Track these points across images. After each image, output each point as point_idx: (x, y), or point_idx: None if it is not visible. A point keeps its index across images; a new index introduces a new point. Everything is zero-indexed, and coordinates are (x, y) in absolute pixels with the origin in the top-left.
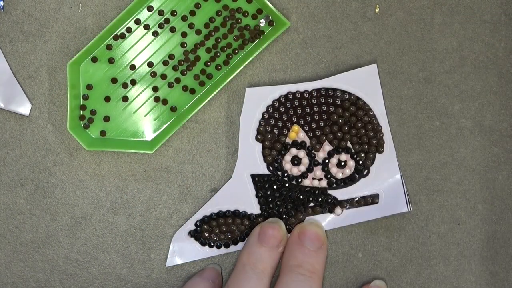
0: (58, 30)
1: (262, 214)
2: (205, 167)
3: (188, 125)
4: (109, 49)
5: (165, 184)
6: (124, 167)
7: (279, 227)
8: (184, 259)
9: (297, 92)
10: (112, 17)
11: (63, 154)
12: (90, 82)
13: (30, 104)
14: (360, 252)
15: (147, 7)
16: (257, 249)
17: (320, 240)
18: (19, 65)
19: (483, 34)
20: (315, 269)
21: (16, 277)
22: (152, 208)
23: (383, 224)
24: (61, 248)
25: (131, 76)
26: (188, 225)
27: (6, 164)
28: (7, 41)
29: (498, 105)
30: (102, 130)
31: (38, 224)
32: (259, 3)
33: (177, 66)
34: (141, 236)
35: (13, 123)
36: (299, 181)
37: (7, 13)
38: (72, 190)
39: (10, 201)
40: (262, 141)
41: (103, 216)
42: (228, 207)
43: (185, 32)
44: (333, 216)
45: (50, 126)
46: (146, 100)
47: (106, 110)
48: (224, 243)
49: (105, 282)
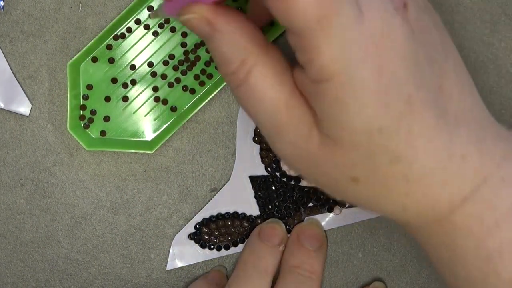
0: (58, 30)
1: (261, 215)
2: (205, 167)
3: (188, 125)
4: (109, 49)
5: (165, 184)
6: (124, 167)
7: (279, 227)
8: (184, 262)
9: None
10: (112, 17)
11: (63, 154)
12: (90, 82)
13: (30, 104)
14: (360, 252)
15: (147, 7)
16: (258, 247)
17: (319, 240)
18: (19, 65)
19: (483, 34)
20: (315, 269)
21: (16, 277)
22: (152, 208)
23: (383, 224)
24: (61, 248)
25: (131, 76)
26: (187, 228)
27: (6, 164)
28: (7, 41)
29: (498, 105)
30: (102, 130)
31: (38, 224)
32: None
33: (177, 66)
34: (141, 236)
35: (13, 123)
36: (297, 182)
37: (7, 13)
38: (72, 190)
39: (10, 201)
40: (259, 142)
41: (103, 216)
42: (227, 209)
43: (185, 32)
44: (332, 215)
45: (50, 126)
46: (146, 100)
47: (106, 110)
48: (224, 245)
49: (105, 282)
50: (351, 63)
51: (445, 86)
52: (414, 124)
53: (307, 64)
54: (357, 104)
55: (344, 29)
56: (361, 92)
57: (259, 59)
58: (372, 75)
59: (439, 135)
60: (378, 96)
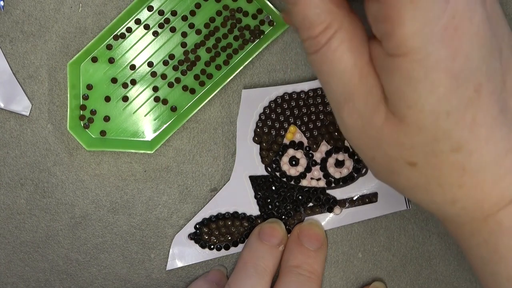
0: (58, 30)
1: (261, 215)
2: (205, 167)
3: (188, 125)
4: (109, 49)
5: (165, 184)
6: (124, 167)
7: (279, 227)
8: (184, 262)
9: (293, 92)
10: (112, 17)
11: (63, 154)
12: (90, 82)
13: (30, 104)
14: (360, 252)
15: (147, 7)
16: (258, 247)
17: (319, 240)
18: (19, 65)
19: None
20: (315, 270)
21: (16, 277)
22: (152, 208)
23: (383, 224)
24: (61, 248)
25: (131, 76)
26: (187, 228)
27: (6, 164)
28: (7, 41)
29: None
30: (102, 130)
31: (38, 224)
32: (259, 3)
33: (177, 66)
34: (141, 236)
35: (13, 123)
36: (297, 182)
37: (7, 13)
38: (72, 190)
39: (10, 201)
40: (259, 142)
41: (103, 216)
42: (227, 209)
43: (185, 32)
44: (332, 215)
45: (50, 126)
46: (146, 100)
47: (106, 110)
48: (224, 245)
49: (105, 282)
50: (430, 41)
51: (508, 81)
52: (480, 113)
53: (385, 36)
54: (429, 82)
55: (430, 4)
56: (435, 71)
57: (343, 25)
58: (447, 56)
59: (500, 128)
60: (450, 78)
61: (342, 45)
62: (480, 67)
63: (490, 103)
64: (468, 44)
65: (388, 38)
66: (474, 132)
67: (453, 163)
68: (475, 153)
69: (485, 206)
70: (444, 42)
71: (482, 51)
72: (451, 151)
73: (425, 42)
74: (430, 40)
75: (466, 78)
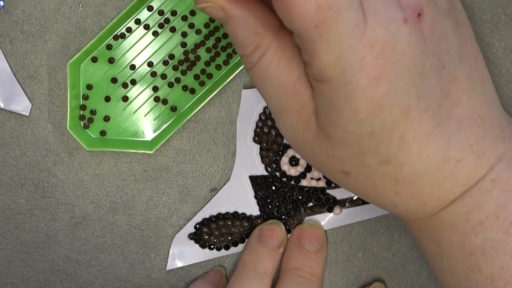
0: (58, 30)
1: (261, 215)
2: (205, 167)
3: (188, 125)
4: (109, 49)
5: (165, 184)
6: (124, 167)
7: (279, 228)
8: (184, 262)
9: None
10: (112, 17)
11: (63, 154)
12: (90, 82)
13: (30, 104)
14: (360, 252)
15: (147, 7)
16: (258, 249)
17: (320, 242)
18: (19, 65)
19: (483, 34)
20: (315, 271)
21: (16, 277)
22: (152, 208)
23: (383, 224)
24: (61, 248)
25: (131, 76)
26: (187, 228)
27: (6, 164)
28: (7, 41)
29: None
30: (102, 130)
31: (38, 224)
32: None
33: (177, 66)
34: (141, 236)
35: (13, 123)
36: (297, 182)
37: (7, 13)
38: (72, 190)
39: (10, 201)
40: (259, 142)
41: (103, 216)
42: (227, 209)
43: (185, 32)
44: (332, 215)
45: (50, 126)
46: (146, 100)
47: (106, 110)
48: (224, 245)
49: (105, 282)
50: (347, 70)
51: (453, 91)
52: (409, 131)
53: (307, 64)
54: (349, 108)
55: (342, 36)
56: (355, 98)
57: (272, 44)
58: (368, 84)
59: (436, 141)
60: (372, 104)
61: (271, 65)
62: (408, 90)
63: (422, 121)
64: (391, 71)
65: (309, 66)
66: (403, 148)
67: (384, 174)
68: (406, 165)
69: (425, 208)
70: (363, 71)
71: (409, 76)
72: (380, 163)
73: (342, 72)
74: (348, 70)
75: (391, 103)
